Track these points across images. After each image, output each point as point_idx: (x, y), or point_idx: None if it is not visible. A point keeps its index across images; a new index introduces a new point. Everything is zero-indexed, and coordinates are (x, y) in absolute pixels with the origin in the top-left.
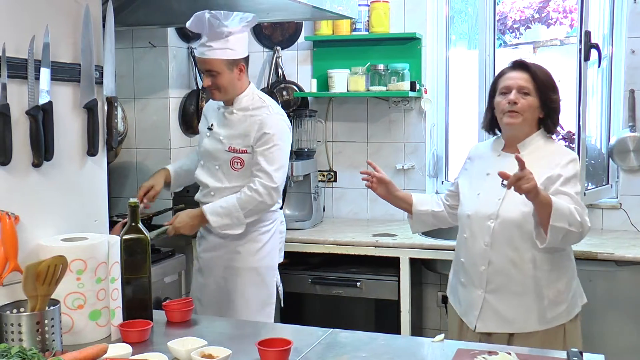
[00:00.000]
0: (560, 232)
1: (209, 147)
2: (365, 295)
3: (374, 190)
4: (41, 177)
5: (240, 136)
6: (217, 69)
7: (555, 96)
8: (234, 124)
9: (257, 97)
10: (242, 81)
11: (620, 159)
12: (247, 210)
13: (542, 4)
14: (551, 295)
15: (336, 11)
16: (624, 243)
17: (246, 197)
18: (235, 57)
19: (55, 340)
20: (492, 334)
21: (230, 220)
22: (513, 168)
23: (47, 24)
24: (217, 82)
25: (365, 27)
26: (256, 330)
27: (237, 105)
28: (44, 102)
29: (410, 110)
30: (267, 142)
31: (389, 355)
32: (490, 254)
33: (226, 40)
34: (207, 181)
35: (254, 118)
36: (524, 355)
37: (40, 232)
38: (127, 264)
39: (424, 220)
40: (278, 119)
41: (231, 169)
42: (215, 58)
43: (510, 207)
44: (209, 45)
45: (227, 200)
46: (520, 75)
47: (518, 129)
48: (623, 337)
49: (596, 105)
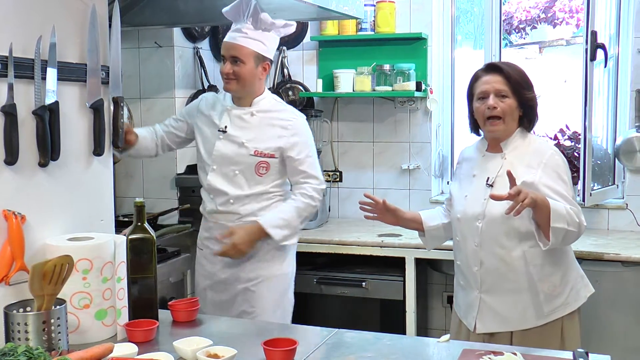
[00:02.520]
0: (560, 233)
1: (226, 151)
2: (370, 296)
3: (381, 220)
4: (47, 177)
5: (267, 139)
6: (244, 58)
7: (531, 93)
8: (256, 126)
9: (274, 101)
10: (262, 82)
11: (626, 159)
12: (303, 218)
13: (548, 4)
14: (546, 290)
15: (342, 11)
16: (630, 244)
17: (304, 205)
18: (265, 54)
19: (62, 339)
20: (494, 334)
21: (290, 230)
22: (497, 168)
23: (54, 24)
24: (239, 71)
25: (371, 27)
26: (262, 330)
27: (257, 107)
28: (51, 102)
29: (416, 110)
30: (305, 148)
31: (394, 356)
32: (480, 254)
33: (264, 33)
34: (225, 189)
35: (281, 123)
36: (530, 355)
37: (47, 232)
38: (133, 263)
39: (436, 236)
40: (304, 122)
41: (255, 174)
42: (247, 46)
43: (495, 206)
44: (245, 32)
45: (285, 210)
46: (495, 78)
47: (503, 133)
48: (629, 337)
49: (602, 106)
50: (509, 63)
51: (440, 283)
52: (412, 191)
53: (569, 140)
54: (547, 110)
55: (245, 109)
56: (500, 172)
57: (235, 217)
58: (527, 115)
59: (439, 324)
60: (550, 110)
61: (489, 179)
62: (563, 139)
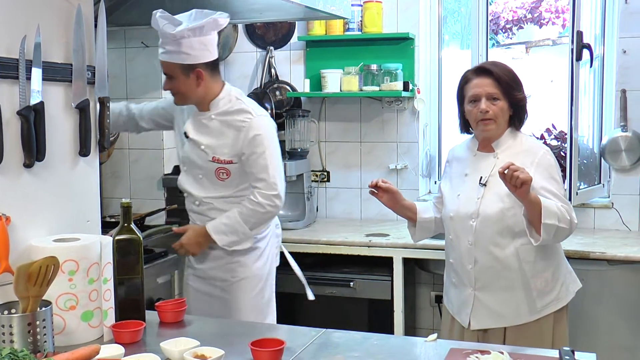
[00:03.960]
0: (551, 229)
1: (191, 155)
2: (358, 295)
3: (379, 198)
4: (33, 178)
5: (224, 145)
6: (172, 73)
7: (521, 94)
8: (214, 131)
9: (234, 99)
10: (206, 87)
11: (612, 159)
12: (251, 224)
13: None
14: (539, 286)
15: (329, 11)
16: (615, 242)
17: (248, 211)
18: (190, 62)
19: (47, 341)
20: (487, 330)
21: (237, 236)
22: (490, 167)
23: (39, 24)
24: (174, 86)
25: (358, 27)
26: (249, 331)
27: (215, 110)
28: (36, 102)
29: (403, 110)
30: (257, 148)
31: (382, 355)
32: (475, 252)
33: (178, 43)
34: (191, 190)
35: (237, 125)
36: (516, 354)
37: (32, 233)
38: (119, 264)
39: (427, 228)
40: (262, 121)
41: (217, 179)
42: (169, 61)
43: (488, 205)
44: (163, 47)
45: (230, 216)
46: (486, 81)
47: (495, 133)
48: (615, 335)
49: (588, 105)
50: (498, 63)
51: (428, 283)
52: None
53: (555, 140)
54: (534, 109)
55: (205, 114)
56: (493, 171)
57: (205, 218)
58: (518, 115)
59: (427, 324)
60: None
61: (482, 179)
62: (549, 138)
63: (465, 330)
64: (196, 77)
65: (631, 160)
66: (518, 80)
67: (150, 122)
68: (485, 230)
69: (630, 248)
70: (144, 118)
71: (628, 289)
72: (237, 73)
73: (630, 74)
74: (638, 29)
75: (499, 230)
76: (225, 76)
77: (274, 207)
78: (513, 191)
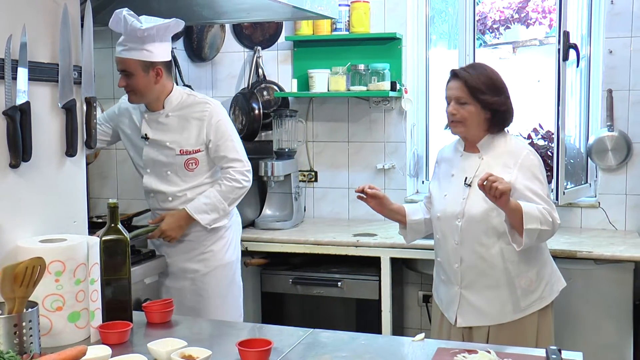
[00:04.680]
0: (534, 233)
1: (154, 156)
2: (346, 295)
3: (367, 202)
4: (19, 178)
5: (189, 137)
6: (131, 70)
7: (494, 98)
8: (174, 127)
9: (186, 95)
10: (162, 85)
11: (598, 158)
12: (230, 200)
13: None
14: (523, 285)
15: (316, 11)
16: (602, 241)
17: (227, 188)
18: (151, 60)
19: (34, 342)
20: (472, 328)
21: (217, 213)
22: (474, 168)
23: (25, 23)
24: (131, 83)
25: (346, 27)
26: (237, 331)
27: (169, 107)
28: (22, 102)
29: (390, 110)
30: (223, 134)
31: (369, 355)
32: (461, 251)
33: (142, 41)
34: (161, 188)
35: (197, 115)
36: (503, 353)
37: (18, 234)
38: (106, 265)
39: (417, 229)
40: (217, 109)
41: (186, 170)
42: (130, 58)
43: (474, 205)
44: (125, 45)
45: (209, 195)
46: (455, 84)
47: (468, 134)
48: (601, 334)
49: (575, 105)
50: (476, 67)
51: (416, 282)
52: (387, 191)
53: (542, 140)
54: (521, 109)
55: (159, 112)
56: (477, 172)
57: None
58: (495, 118)
59: (415, 323)
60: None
61: (467, 179)
62: (537, 138)
63: (452, 327)
64: (155, 75)
65: (617, 159)
66: (492, 85)
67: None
68: (471, 229)
69: (616, 247)
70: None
71: (614, 288)
72: (225, 73)
73: (616, 74)
74: (624, 29)
75: (484, 230)
76: (212, 76)
77: (248, 181)
78: (493, 201)
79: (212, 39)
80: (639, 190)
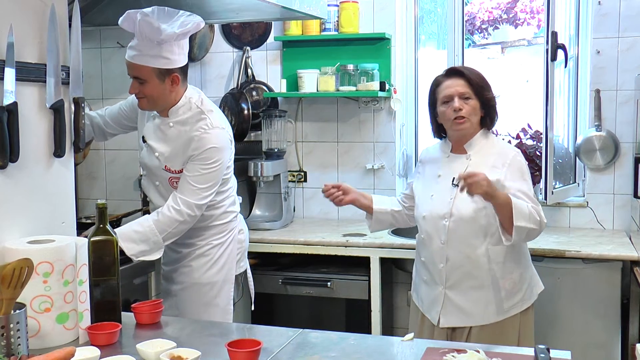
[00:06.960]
0: (523, 231)
1: (147, 162)
2: (335, 295)
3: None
4: (6, 179)
5: (176, 155)
6: (145, 77)
7: (490, 94)
8: (170, 139)
9: (194, 107)
10: (176, 92)
11: (586, 158)
12: (167, 233)
13: (509, 5)
14: (507, 286)
15: (305, 11)
16: (590, 241)
17: (165, 219)
18: (168, 67)
19: (21, 344)
20: (455, 328)
21: (147, 246)
22: (462, 168)
23: (12, 23)
24: (144, 90)
25: (335, 27)
26: (226, 331)
27: (173, 118)
28: (9, 102)
29: (379, 110)
30: (206, 158)
31: (359, 355)
32: (447, 251)
33: (160, 47)
34: (152, 197)
35: (192, 134)
36: (492, 352)
37: (6, 235)
38: (95, 266)
39: (382, 220)
40: (217, 133)
41: (171, 187)
42: (145, 65)
43: (461, 206)
44: (139, 50)
45: (142, 223)
46: (457, 82)
47: (468, 132)
48: (589, 332)
49: (563, 105)
50: (467, 67)
51: (405, 282)
52: (376, 191)
53: (531, 139)
54: (510, 109)
55: (165, 120)
56: (465, 172)
57: None
58: (489, 115)
59: (404, 323)
60: (513, 109)
61: (455, 180)
62: (525, 138)
63: (435, 328)
64: (171, 82)
65: (605, 159)
66: (487, 82)
67: (116, 127)
68: (459, 230)
69: (604, 246)
70: (109, 124)
71: (602, 287)
72: (214, 73)
73: (603, 74)
74: (611, 29)
75: (472, 230)
76: (201, 76)
77: (193, 217)
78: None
79: (201, 39)
80: (626, 189)
